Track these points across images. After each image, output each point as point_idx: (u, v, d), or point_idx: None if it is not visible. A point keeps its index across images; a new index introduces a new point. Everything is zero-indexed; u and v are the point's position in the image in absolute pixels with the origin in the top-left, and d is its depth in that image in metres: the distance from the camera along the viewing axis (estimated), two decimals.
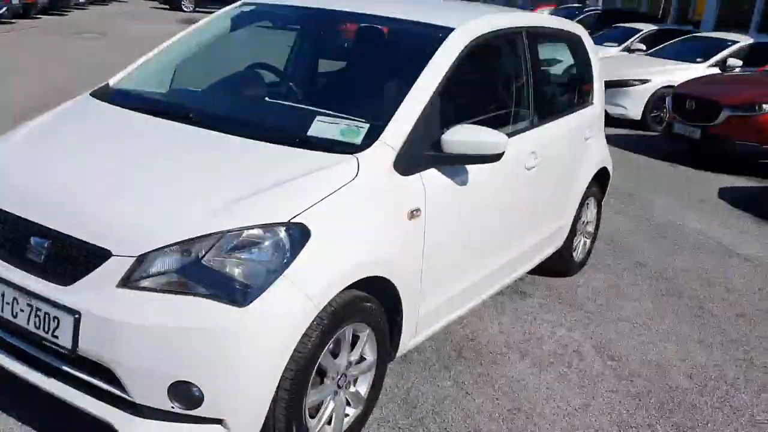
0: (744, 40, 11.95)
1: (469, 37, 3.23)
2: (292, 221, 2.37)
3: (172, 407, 2.28)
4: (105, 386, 2.34)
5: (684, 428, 3.17)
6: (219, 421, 2.31)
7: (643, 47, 13.87)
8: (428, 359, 3.53)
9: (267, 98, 3.44)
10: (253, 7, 3.85)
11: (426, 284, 3.00)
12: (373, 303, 2.70)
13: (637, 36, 14.86)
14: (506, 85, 3.74)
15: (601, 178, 4.87)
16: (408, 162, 2.81)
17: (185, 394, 2.26)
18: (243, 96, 3.45)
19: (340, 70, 3.78)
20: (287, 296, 2.30)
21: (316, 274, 2.38)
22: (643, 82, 11.26)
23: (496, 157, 2.96)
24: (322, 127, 2.82)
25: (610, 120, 11.12)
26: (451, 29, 3.20)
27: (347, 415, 2.76)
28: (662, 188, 7.53)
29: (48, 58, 12.80)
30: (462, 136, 2.89)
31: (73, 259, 2.37)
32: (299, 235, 2.37)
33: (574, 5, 25.78)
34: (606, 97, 11.02)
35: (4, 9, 18.65)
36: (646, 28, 15.40)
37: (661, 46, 12.93)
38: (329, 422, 2.67)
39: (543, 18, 4.22)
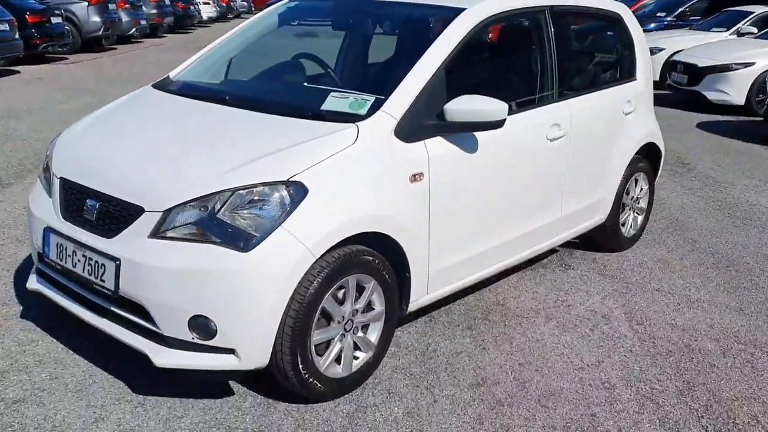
0: None
1: (480, 17, 3.47)
2: (291, 179, 2.72)
3: (193, 338, 2.70)
4: (140, 321, 2.78)
5: (694, 384, 3.25)
6: (232, 351, 2.70)
7: (755, 30, 13.22)
8: (453, 320, 3.78)
9: (303, 83, 3.81)
10: (297, 3, 4.27)
11: (435, 245, 3.26)
12: (377, 258, 3.00)
13: (747, 19, 14.14)
14: (523, 60, 3.93)
15: (651, 155, 4.90)
16: (410, 130, 3.09)
17: (202, 326, 2.67)
18: (278, 81, 3.86)
19: (364, 55, 4.13)
20: (285, 245, 2.65)
21: (312, 226, 2.72)
22: (747, 65, 10.80)
23: (497, 124, 3.19)
24: (334, 101, 3.17)
25: (714, 107, 10.80)
26: (462, 9, 3.46)
27: (357, 358, 3.08)
28: (748, 171, 7.30)
29: (164, 69, 13.92)
30: (463, 105, 3.14)
31: (116, 215, 2.84)
32: (297, 191, 2.72)
33: None
34: (707, 83, 10.94)
35: (134, 30, 20.38)
36: (760, 10, 14.61)
37: None
38: (339, 362, 3.00)
39: None
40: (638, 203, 4.93)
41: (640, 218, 5.00)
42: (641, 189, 4.90)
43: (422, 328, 3.69)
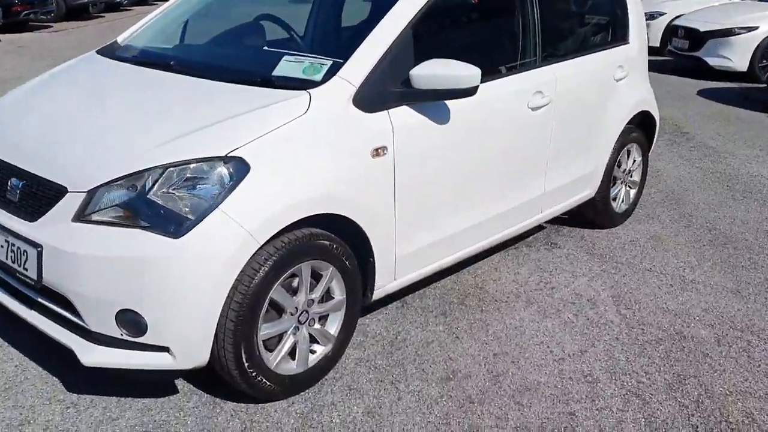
0: None
1: None
2: (230, 155, 2.41)
3: (122, 334, 2.41)
4: (66, 314, 2.49)
5: (685, 377, 2.97)
6: (165, 349, 2.41)
7: None
8: (427, 306, 3.49)
9: (263, 46, 3.47)
10: None
11: (402, 226, 2.96)
12: (335, 242, 2.70)
13: None
14: (502, 21, 3.59)
15: (645, 124, 4.58)
16: (372, 98, 2.77)
17: (131, 321, 2.38)
18: (233, 45, 3.52)
19: (336, 16, 3.79)
20: (222, 229, 2.35)
21: (255, 208, 2.41)
22: (750, 29, 10.39)
23: (469, 92, 2.87)
24: (287, 66, 2.84)
25: (716, 73, 10.41)
26: None
27: (314, 352, 2.80)
28: (750, 140, 6.95)
29: None
30: (430, 70, 2.82)
31: (39, 196, 2.54)
32: (237, 168, 2.41)
33: None
34: (709, 49, 10.53)
35: None
36: None
37: None
38: (293, 357, 2.72)
39: None
40: (631, 176, 4.62)
41: (632, 192, 4.69)
42: (634, 161, 4.58)
43: (393, 314, 3.41)
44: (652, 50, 12.63)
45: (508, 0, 3.58)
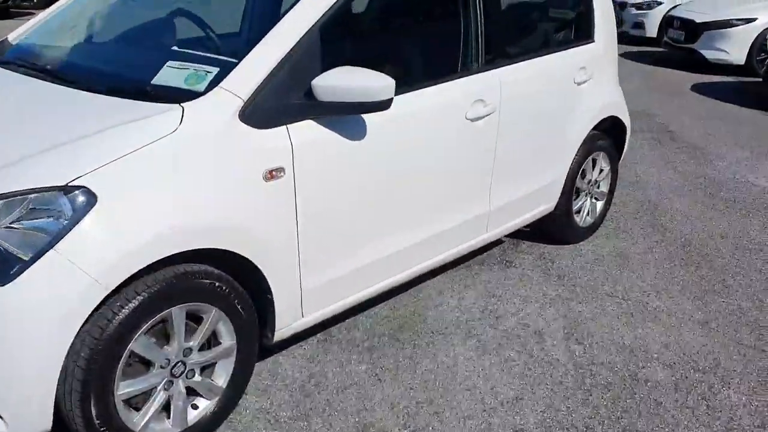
0: None
1: None
2: (71, 184, 2.01)
3: None
4: None
5: None
6: None
7: None
8: (354, 339, 3.11)
9: (172, 46, 3.06)
10: None
11: (309, 256, 2.58)
12: (220, 279, 2.32)
13: None
14: (435, 21, 3.16)
15: (613, 130, 4.16)
16: (266, 112, 2.38)
17: None
18: (125, 46, 3.10)
19: (274, 10, 3.38)
20: (58, 274, 1.96)
21: (101, 247, 2.01)
22: (748, 21, 9.92)
23: (380, 105, 2.46)
24: (168, 74, 2.45)
25: (712, 66, 9.94)
26: None
27: (196, 407, 2.42)
28: (742, 141, 6.52)
29: None
30: (336, 81, 2.42)
31: None
32: (81, 200, 2.01)
33: None
34: (704, 41, 10.06)
35: None
36: None
37: None
38: (169, 415, 2.34)
39: None
40: (598, 187, 4.21)
41: (599, 204, 4.28)
42: (601, 171, 4.17)
43: (313, 350, 3.03)
44: (648, 41, 12.25)
45: (440, 3, 3.15)
